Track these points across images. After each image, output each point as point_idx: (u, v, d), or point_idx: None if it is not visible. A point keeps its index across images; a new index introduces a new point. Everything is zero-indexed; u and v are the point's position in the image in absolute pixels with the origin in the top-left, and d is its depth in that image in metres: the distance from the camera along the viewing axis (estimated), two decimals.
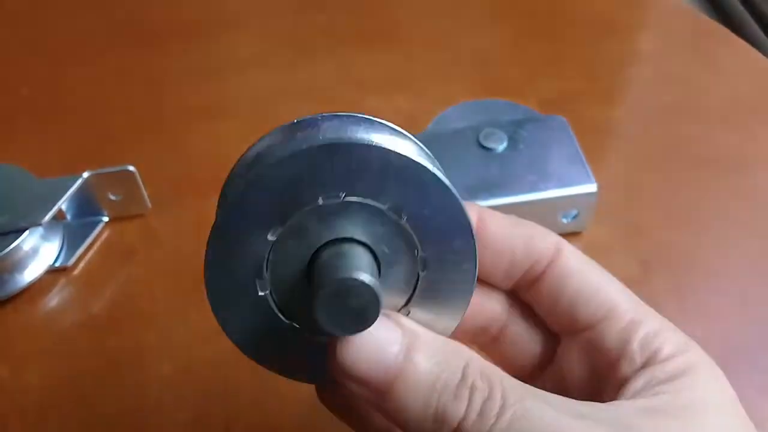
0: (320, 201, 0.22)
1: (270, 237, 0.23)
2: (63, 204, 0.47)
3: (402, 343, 0.22)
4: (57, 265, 0.47)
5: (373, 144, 0.22)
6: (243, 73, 0.61)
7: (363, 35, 0.65)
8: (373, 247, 0.23)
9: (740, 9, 1.52)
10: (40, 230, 0.47)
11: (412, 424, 0.22)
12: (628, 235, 0.49)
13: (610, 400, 0.25)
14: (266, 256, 0.23)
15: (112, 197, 0.49)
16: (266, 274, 0.24)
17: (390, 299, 0.25)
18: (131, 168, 0.47)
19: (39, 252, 0.47)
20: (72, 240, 0.49)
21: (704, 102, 0.58)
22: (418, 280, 0.24)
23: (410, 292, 0.25)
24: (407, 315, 0.25)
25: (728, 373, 0.41)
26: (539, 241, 0.28)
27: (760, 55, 0.63)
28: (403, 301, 0.25)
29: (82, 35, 0.66)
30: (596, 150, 0.53)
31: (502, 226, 0.28)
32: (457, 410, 0.22)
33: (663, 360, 0.26)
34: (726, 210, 0.50)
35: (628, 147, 0.55)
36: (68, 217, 0.50)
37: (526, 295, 0.30)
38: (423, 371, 0.22)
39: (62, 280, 0.47)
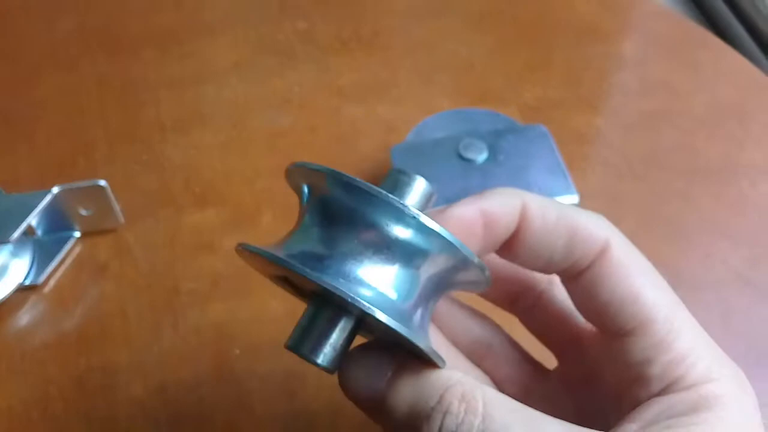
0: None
1: None
2: (33, 220, 0.46)
3: (389, 372, 0.25)
4: (27, 283, 0.46)
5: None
6: (220, 82, 0.60)
7: (343, 43, 0.64)
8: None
9: (725, 12, 1.52)
10: (9, 247, 0.46)
11: None
12: None
13: (622, 420, 0.25)
14: None
15: (84, 212, 0.48)
16: None
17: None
18: (102, 183, 0.46)
19: (8, 269, 0.46)
20: (42, 257, 0.47)
21: (688, 108, 0.58)
22: None
23: None
24: None
25: None
26: (582, 240, 0.26)
27: (745, 60, 0.62)
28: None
29: (54, 43, 0.64)
30: (578, 158, 0.53)
31: (544, 223, 0.26)
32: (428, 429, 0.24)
33: (684, 388, 0.24)
34: (710, 219, 0.50)
35: (610, 155, 0.55)
36: (38, 233, 0.48)
37: (566, 285, 0.28)
38: (402, 396, 0.25)
39: (32, 298, 0.46)
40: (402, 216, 0.23)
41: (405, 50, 0.64)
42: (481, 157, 0.46)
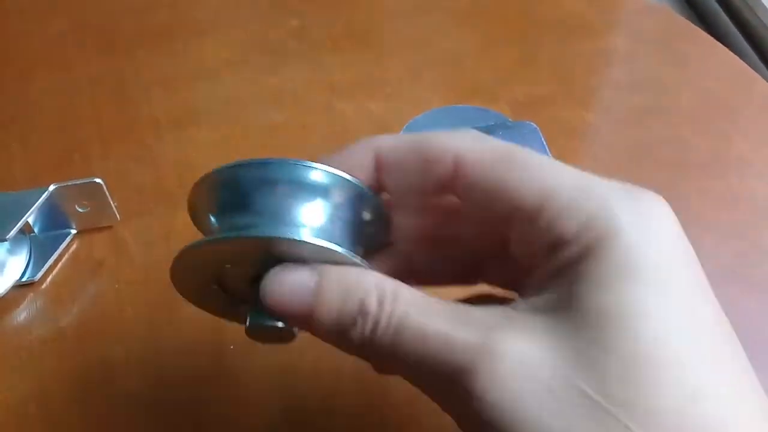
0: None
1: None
2: (29, 217, 0.46)
3: (314, 282, 0.26)
4: (24, 279, 0.47)
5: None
6: (213, 80, 0.61)
7: (335, 41, 0.64)
8: None
9: (715, 7, 1.53)
10: (6, 245, 0.47)
11: (333, 342, 0.27)
12: None
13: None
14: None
15: (80, 209, 0.48)
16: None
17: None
18: (98, 180, 0.46)
19: (5, 267, 0.47)
20: (39, 253, 0.48)
21: (677, 103, 0.58)
22: None
23: None
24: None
25: None
26: (434, 165, 0.28)
27: (733, 55, 0.63)
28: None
29: (47, 42, 0.65)
30: (568, 153, 0.53)
31: (397, 158, 0.29)
32: (354, 332, 0.25)
33: (565, 243, 0.24)
34: (698, 213, 0.50)
35: (599, 150, 0.55)
36: (35, 230, 0.49)
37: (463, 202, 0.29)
38: (330, 303, 0.26)
39: (30, 295, 0.47)
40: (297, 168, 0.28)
41: (396, 47, 0.64)
42: None
